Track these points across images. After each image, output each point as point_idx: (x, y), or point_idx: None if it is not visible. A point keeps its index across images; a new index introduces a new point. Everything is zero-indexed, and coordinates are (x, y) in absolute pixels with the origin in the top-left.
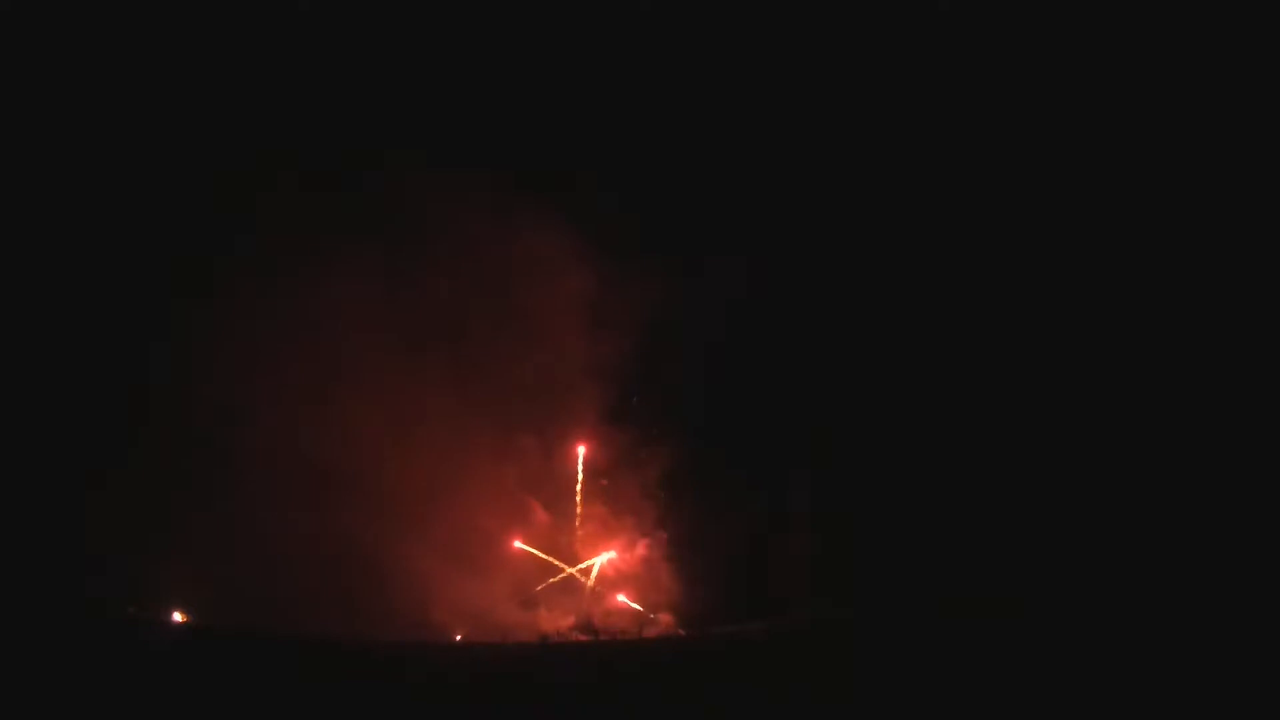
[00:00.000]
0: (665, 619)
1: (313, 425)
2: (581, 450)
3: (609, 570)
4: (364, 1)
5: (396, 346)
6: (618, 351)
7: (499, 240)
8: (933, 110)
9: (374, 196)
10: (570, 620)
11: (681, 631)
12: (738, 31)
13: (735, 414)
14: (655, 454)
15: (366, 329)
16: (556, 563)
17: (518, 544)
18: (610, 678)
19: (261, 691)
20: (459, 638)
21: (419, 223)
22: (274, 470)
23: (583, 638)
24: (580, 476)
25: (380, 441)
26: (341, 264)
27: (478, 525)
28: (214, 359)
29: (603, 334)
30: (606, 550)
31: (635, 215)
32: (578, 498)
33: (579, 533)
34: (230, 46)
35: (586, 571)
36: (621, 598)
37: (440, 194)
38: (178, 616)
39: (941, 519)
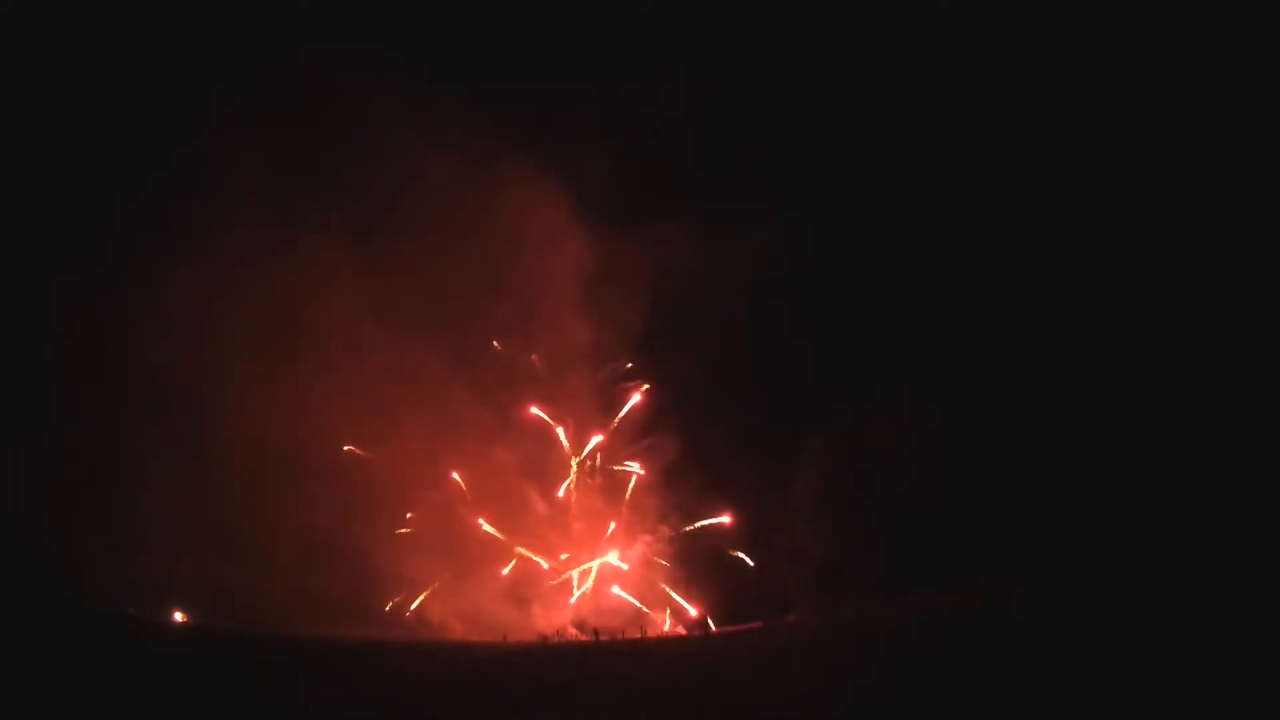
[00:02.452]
0: (665, 619)
1: (308, 423)
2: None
3: (606, 569)
4: None
5: (387, 334)
6: (615, 334)
7: (490, 207)
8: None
9: (349, 163)
10: (568, 619)
11: (682, 631)
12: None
13: (737, 409)
14: (655, 447)
15: (356, 319)
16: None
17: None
18: (610, 678)
19: (261, 692)
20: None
21: (398, 191)
22: (271, 469)
23: (582, 638)
24: (575, 470)
25: (376, 439)
26: (331, 252)
27: (473, 521)
28: (204, 355)
29: (600, 314)
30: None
31: (635, 179)
32: (572, 493)
33: (574, 529)
34: None
35: (585, 570)
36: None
37: (422, 157)
38: (178, 616)
39: (943, 518)
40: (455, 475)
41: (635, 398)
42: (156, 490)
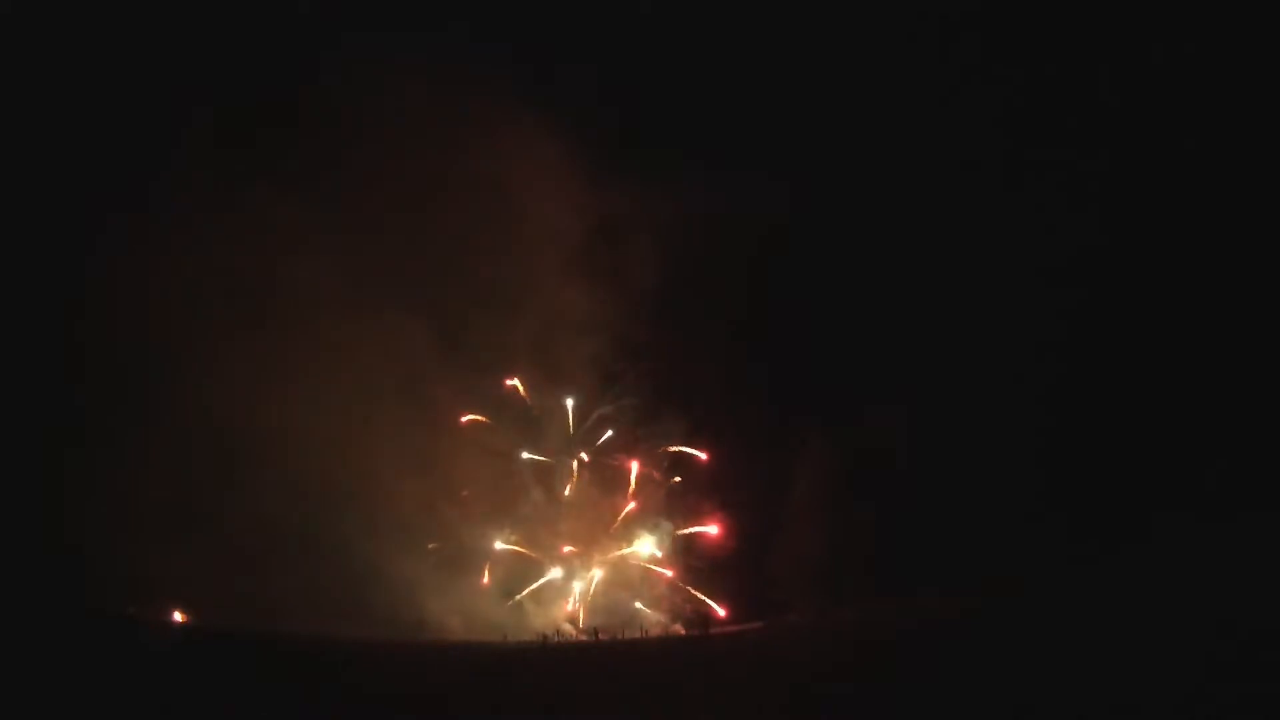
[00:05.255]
0: (665, 619)
1: (304, 423)
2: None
3: (605, 567)
4: None
5: (375, 322)
6: (617, 322)
7: (478, 164)
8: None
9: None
10: (567, 618)
11: (682, 631)
12: None
13: (740, 405)
14: (657, 441)
15: (342, 305)
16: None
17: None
18: (610, 678)
19: (261, 692)
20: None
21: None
22: (269, 469)
23: (582, 637)
24: (573, 463)
25: (371, 435)
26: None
27: (468, 516)
28: (198, 353)
29: (598, 289)
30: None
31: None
32: (570, 487)
33: (572, 525)
34: None
35: (583, 567)
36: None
37: (405, 119)
38: (178, 616)
39: (943, 518)
40: (447, 470)
41: (635, 393)
42: (154, 490)
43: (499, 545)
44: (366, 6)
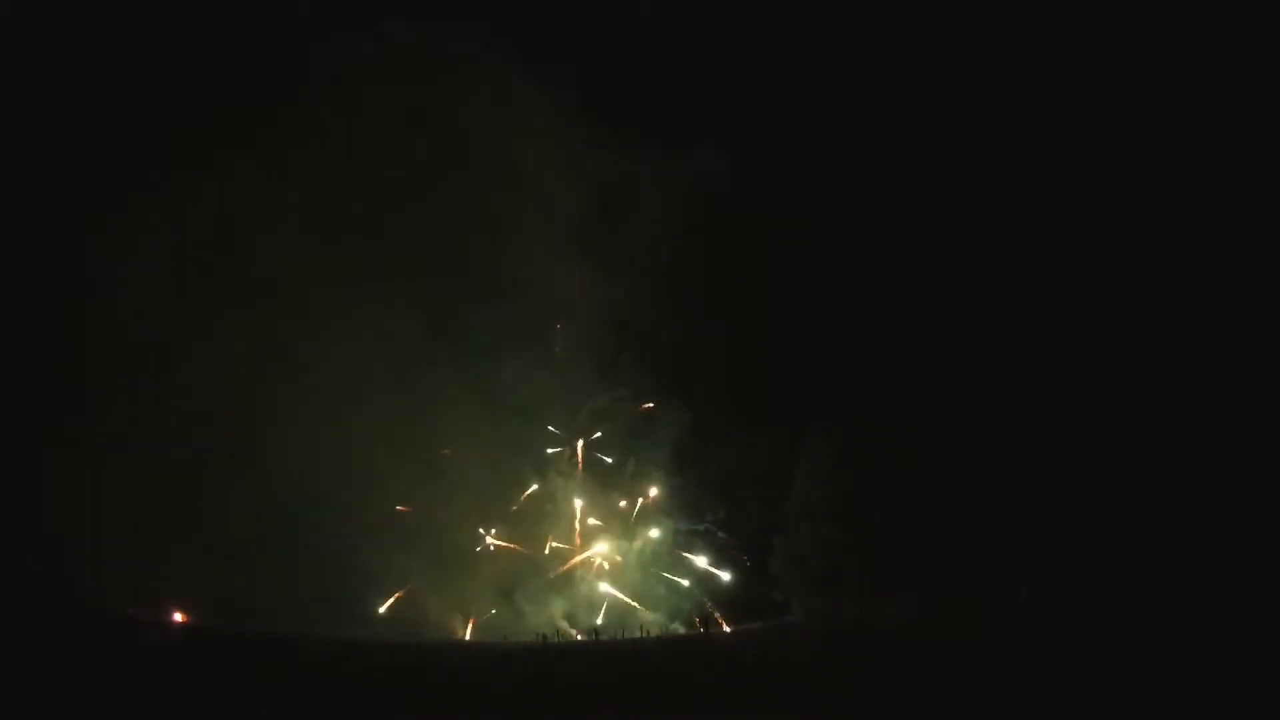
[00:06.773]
0: (666, 619)
1: (304, 423)
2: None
3: (603, 566)
4: None
5: (373, 318)
6: (613, 321)
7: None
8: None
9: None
10: (565, 617)
11: (682, 631)
12: None
13: (739, 405)
14: (656, 439)
15: (332, 296)
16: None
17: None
18: (611, 677)
19: (261, 692)
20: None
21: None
22: (269, 469)
23: (581, 637)
24: (574, 457)
25: (370, 434)
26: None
27: (463, 513)
28: (194, 354)
29: (597, 296)
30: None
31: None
32: (568, 484)
33: (570, 523)
34: None
35: (582, 566)
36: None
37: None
38: (178, 616)
39: (942, 518)
40: (443, 467)
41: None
42: (155, 490)
43: (497, 543)
44: None
